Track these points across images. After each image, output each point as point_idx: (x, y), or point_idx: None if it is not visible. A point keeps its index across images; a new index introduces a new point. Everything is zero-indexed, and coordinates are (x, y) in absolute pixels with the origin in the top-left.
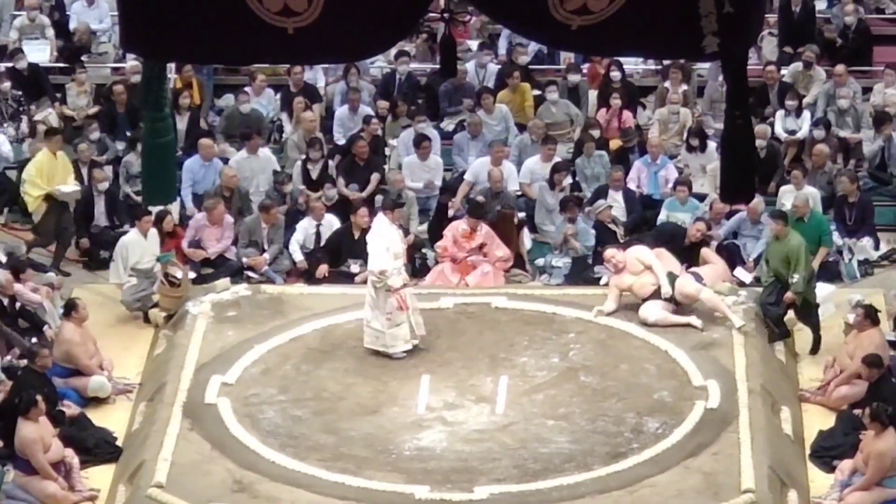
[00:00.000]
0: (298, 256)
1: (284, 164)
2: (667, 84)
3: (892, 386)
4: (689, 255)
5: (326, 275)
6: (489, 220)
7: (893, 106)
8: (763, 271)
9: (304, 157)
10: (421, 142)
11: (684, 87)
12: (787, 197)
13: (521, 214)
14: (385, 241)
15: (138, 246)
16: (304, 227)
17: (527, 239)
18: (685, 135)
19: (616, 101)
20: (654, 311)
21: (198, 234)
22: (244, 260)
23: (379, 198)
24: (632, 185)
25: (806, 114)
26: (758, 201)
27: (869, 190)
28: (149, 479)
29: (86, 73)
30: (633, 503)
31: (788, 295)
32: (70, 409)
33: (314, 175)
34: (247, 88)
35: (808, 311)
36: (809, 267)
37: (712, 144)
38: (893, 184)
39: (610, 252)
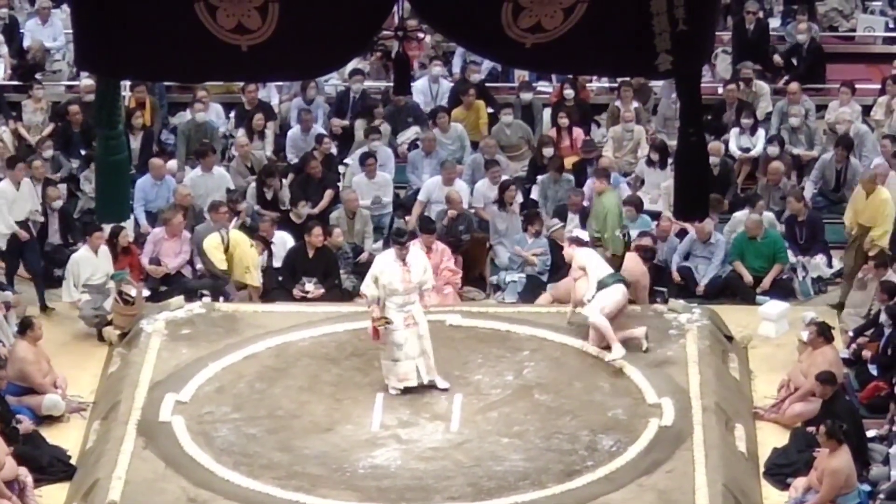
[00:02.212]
0: (259, 277)
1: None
2: (618, 103)
3: (845, 403)
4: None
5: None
6: (463, 246)
7: (845, 123)
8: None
9: (253, 178)
10: (366, 160)
11: (635, 104)
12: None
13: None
14: (378, 270)
15: (89, 263)
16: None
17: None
18: (640, 151)
19: (563, 120)
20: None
21: (156, 248)
22: (198, 266)
23: (333, 215)
24: (586, 203)
25: (761, 131)
26: (706, 222)
27: (822, 208)
28: (103, 497)
29: (43, 90)
30: None
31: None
32: (23, 423)
33: (269, 196)
34: (197, 105)
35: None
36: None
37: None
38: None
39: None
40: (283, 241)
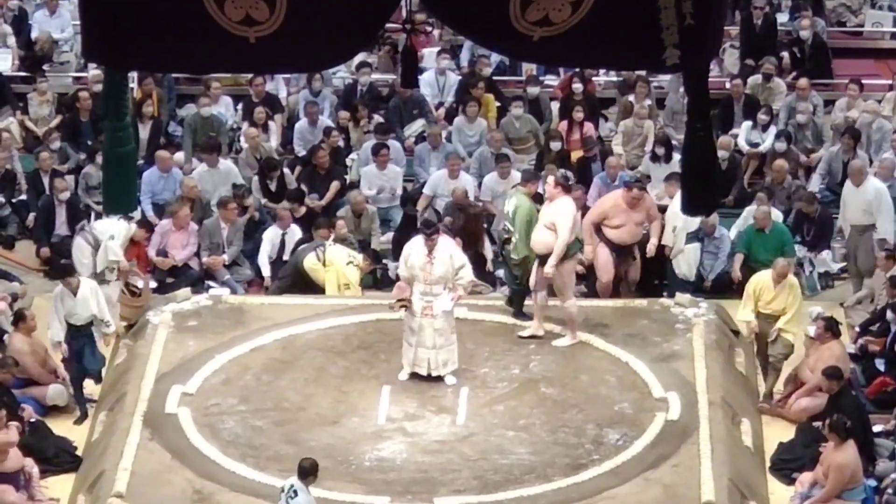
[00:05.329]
0: (267, 272)
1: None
2: (631, 98)
3: (851, 398)
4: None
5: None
6: (458, 225)
7: (869, 114)
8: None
9: (256, 172)
10: (379, 150)
11: (648, 101)
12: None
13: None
14: (406, 253)
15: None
16: (270, 237)
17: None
18: (647, 146)
19: (578, 114)
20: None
21: (163, 240)
22: (203, 259)
23: (340, 212)
24: (591, 202)
25: (772, 127)
26: (712, 216)
27: (829, 202)
28: (109, 488)
29: (47, 83)
30: None
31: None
32: (26, 411)
33: (273, 187)
34: (203, 99)
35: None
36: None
37: (678, 156)
38: None
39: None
40: (294, 233)
